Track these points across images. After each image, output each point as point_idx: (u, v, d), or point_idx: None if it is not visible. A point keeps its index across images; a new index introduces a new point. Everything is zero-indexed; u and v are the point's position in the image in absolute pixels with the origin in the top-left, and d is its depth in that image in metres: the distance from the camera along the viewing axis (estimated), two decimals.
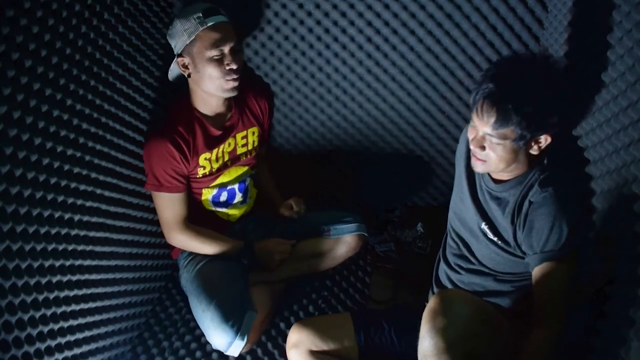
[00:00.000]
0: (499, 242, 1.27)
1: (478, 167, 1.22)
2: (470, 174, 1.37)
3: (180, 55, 1.52)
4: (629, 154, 1.05)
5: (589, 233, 1.20)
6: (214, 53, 1.48)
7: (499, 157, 1.15)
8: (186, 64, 1.53)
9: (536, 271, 1.19)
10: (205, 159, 1.63)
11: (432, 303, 1.12)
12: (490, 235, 1.28)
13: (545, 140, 1.14)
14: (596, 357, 1.02)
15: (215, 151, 1.64)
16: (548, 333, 1.17)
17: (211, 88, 1.54)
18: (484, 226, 1.30)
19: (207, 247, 1.64)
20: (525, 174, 1.22)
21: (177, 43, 1.51)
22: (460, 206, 1.39)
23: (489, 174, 1.29)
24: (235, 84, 1.54)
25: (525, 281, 1.27)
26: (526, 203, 1.19)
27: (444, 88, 1.74)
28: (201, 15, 1.46)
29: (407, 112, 1.82)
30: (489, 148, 1.15)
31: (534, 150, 1.16)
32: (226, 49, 1.50)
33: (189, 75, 1.55)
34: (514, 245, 1.24)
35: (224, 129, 1.66)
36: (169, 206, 1.60)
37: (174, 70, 1.61)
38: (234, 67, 1.50)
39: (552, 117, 1.11)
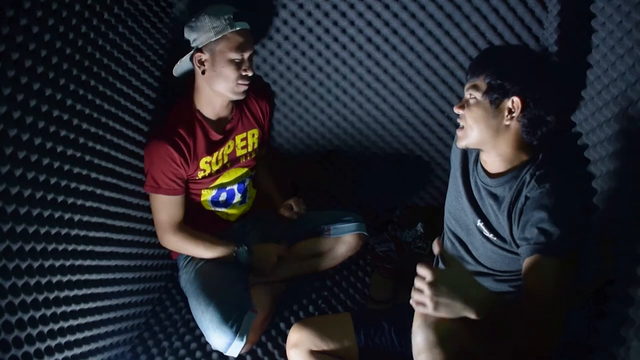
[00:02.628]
0: (495, 238, 1.27)
1: (459, 139, 1.28)
2: (465, 171, 1.38)
3: (199, 50, 1.52)
4: (629, 154, 1.05)
5: (588, 233, 1.19)
6: (236, 56, 1.50)
7: (474, 118, 1.22)
8: (203, 60, 1.52)
9: (526, 262, 1.13)
10: (206, 162, 1.63)
11: None
12: (486, 233, 1.28)
13: (516, 105, 1.18)
14: (596, 357, 1.02)
15: (215, 154, 1.64)
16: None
17: (222, 88, 1.55)
18: (479, 223, 1.30)
19: (200, 251, 1.63)
20: (519, 168, 1.23)
21: (200, 37, 1.50)
22: (456, 205, 1.40)
23: (483, 169, 1.30)
24: (246, 88, 1.58)
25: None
26: (522, 198, 1.19)
27: (444, 88, 1.74)
28: (232, 17, 1.49)
29: (407, 112, 1.82)
30: (466, 110, 1.24)
31: (507, 120, 1.20)
32: (246, 55, 1.53)
33: (203, 72, 1.54)
34: (510, 241, 1.24)
35: (224, 132, 1.66)
36: (165, 208, 1.60)
37: (182, 65, 1.60)
38: (250, 74, 1.55)
39: (521, 73, 1.18)
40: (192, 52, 1.53)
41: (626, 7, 1.09)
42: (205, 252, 1.63)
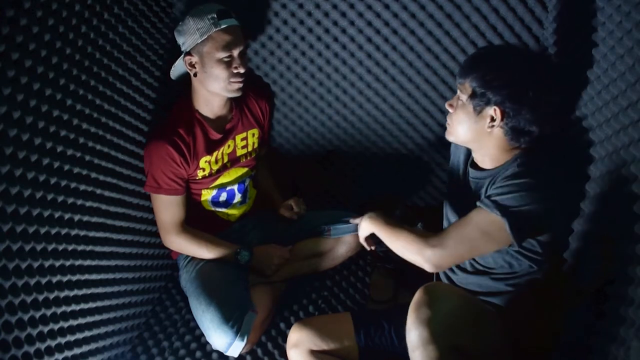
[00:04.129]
0: None
1: (446, 133, 1.31)
2: (465, 171, 1.38)
3: (188, 53, 1.52)
4: (629, 154, 1.05)
5: (564, 233, 1.19)
6: (224, 55, 1.48)
7: (457, 120, 1.25)
8: (193, 62, 1.52)
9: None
10: (205, 161, 1.63)
11: (417, 295, 1.12)
12: None
13: (497, 115, 1.18)
14: (596, 357, 1.02)
15: (215, 154, 1.64)
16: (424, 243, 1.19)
17: (216, 88, 1.54)
18: None
19: (203, 252, 1.63)
20: (505, 165, 1.24)
21: (187, 41, 1.50)
22: (456, 204, 1.40)
23: (476, 165, 1.31)
24: (240, 85, 1.56)
25: (519, 279, 1.27)
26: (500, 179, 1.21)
27: (443, 88, 1.74)
28: (215, 16, 1.47)
29: (407, 112, 1.82)
30: (454, 110, 1.26)
31: (488, 127, 1.20)
32: (236, 53, 1.51)
33: (195, 75, 1.54)
34: None
35: (224, 132, 1.66)
36: (167, 209, 1.60)
37: (177, 68, 1.61)
38: (242, 70, 1.52)
39: (504, 83, 1.16)
40: (182, 55, 1.54)
41: (626, 7, 1.09)
42: (208, 253, 1.63)
